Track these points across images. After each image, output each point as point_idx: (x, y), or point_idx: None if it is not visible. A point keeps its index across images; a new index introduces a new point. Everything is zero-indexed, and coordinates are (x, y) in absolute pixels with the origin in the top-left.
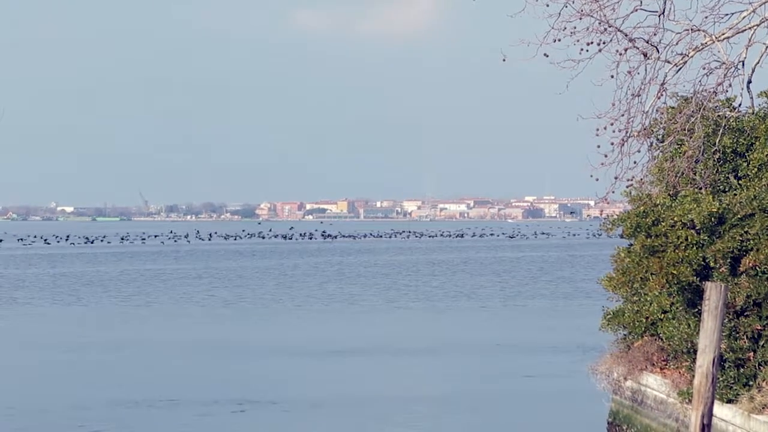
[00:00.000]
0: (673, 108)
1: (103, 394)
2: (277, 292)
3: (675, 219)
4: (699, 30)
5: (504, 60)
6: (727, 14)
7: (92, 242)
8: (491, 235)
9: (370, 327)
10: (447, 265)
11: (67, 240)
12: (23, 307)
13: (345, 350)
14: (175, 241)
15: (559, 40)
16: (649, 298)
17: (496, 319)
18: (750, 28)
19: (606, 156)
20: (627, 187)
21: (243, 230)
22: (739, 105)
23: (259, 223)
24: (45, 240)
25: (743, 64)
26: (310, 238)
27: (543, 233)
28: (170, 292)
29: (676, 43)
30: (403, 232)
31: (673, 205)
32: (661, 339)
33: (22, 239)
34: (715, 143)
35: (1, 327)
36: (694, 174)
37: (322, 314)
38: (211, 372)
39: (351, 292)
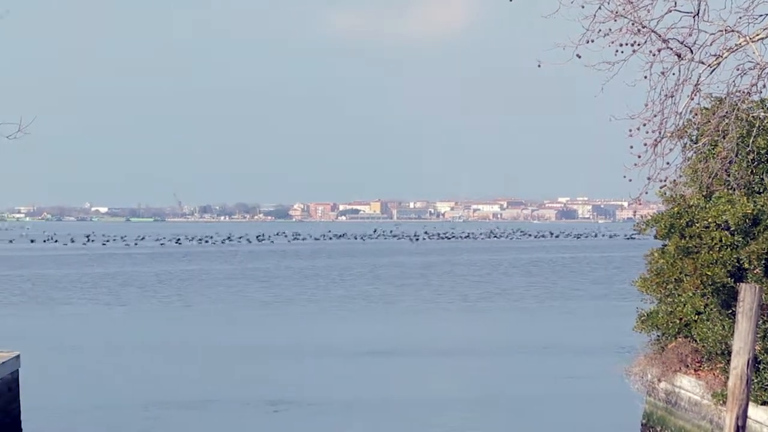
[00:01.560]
0: (706, 109)
1: (137, 395)
2: (317, 292)
3: (709, 220)
4: (733, 31)
5: (539, 66)
6: (761, 15)
7: (224, 241)
8: (615, 236)
9: (409, 328)
10: (485, 265)
11: (202, 241)
12: (69, 307)
13: (383, 351)
14: (304, 239)
15: (593, 41)
16: (683, 300)
17: (533, 321)
18: None
19: (639, 157)
20: (661, 188)
21: (374, 230)
22: None
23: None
24: (177, 240)
25: None
26: (440, 238)
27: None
28: (209, 293)
29: (710, 44)
30: (515, 231)
31: (707, 206)
32: (695, 340)
33: (159, 239)
34: (749, 144)
35: (43, 327)
36: (728, 175)
37: (362, 315)
38: (246, 373)
39: (389, 292)
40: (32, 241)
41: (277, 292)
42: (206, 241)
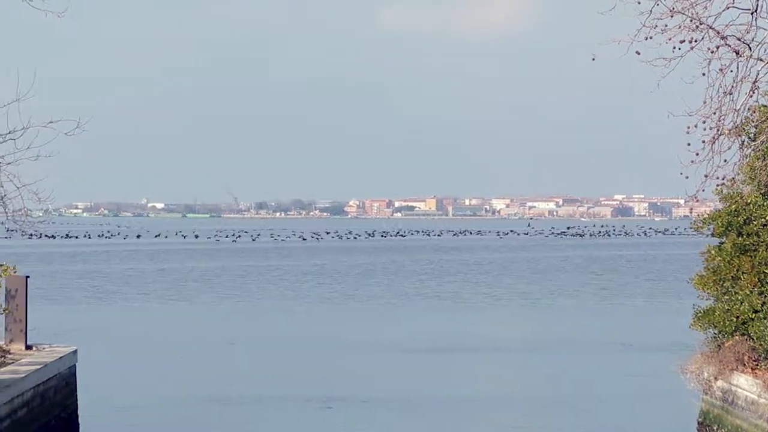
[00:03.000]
0: (765, 106)
1: (194, 391)
2: (375, 288)
3: (767, 218)
4: None
5: (594, 59)
6: None
7: (369, 236)
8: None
9: (468, 324)
10: (544, 263)
11: (343, 237)
12: (129, 302)
13: (443, 348)
14: (439, 234)
15: (651, 37)
16: (739, 297)
17: (590, 317)
18: None
19: (697, 154)
20: (718, 185)
21: (528, 225)
22: None
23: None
24: (327, 234)
25: None
26: (581, 237)
27: None
28: (269, 288)
29: None
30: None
31: (764, 204)
32: (752, 339)
33: (300, 234)
34: None
35: (103, 323)
36: None
37: (422, 311)
38: (304, 369)
39: (452, 289)
40: (158, 236)
41: (338, 289)
42: (353, 236)
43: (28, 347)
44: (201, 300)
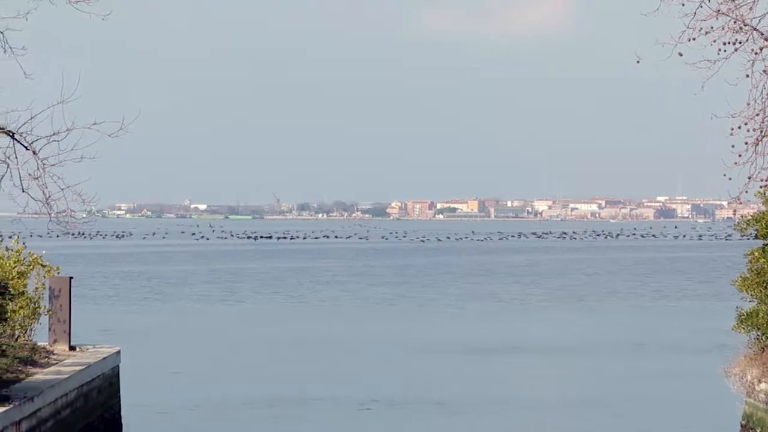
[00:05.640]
0: None
1: (235, 393)
2: (419, 290)
3: None
4: None
5: (638, 62)
6: None
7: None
8: None
9: (512, 326)
10: (589, 264)
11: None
12: (181, 303)
13: (484, 349)
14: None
15: (694, 39)
16: None
17: (634, 319)
18: None
19: (740, 156)
20: (761, 187)
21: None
22: None
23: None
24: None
25: None
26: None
27: None
28: (313, 290)
29: None
30: None
31: None
32: None
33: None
34: None
35: (154, 323)
36: None
37: (464, 312)
38: (348, 370)
39: (492, 290)
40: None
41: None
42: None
43: (72, 348)
44: (251, 300)
